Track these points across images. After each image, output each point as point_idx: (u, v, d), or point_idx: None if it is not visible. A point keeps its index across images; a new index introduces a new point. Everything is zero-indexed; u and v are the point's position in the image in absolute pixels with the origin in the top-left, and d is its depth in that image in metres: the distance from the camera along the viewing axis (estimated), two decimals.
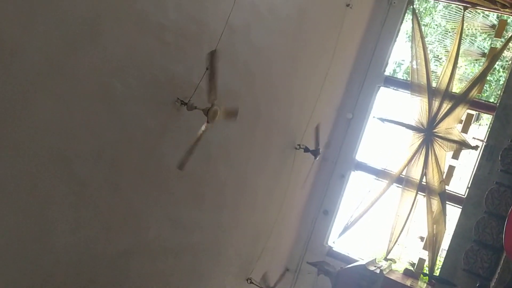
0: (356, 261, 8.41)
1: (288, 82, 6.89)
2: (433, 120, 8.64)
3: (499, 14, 9.80)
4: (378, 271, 7.60)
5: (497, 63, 11.17)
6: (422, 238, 10.61)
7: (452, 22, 9.37)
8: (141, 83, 4.04)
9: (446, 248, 8.49)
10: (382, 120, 9.36)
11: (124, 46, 3.74)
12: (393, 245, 9.00)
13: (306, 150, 7.60)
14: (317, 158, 7.63)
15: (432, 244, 8.42)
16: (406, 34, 11.25)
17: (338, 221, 9.71)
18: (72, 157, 3.60)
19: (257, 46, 5.65)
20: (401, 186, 9.02)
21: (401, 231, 8.86)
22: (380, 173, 9.31)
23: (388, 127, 9.47)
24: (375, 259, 8.71)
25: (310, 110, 7.66)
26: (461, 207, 8.40)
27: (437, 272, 8.37)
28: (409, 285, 7.61)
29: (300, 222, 9.46)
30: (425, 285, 8.15)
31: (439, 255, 8.67)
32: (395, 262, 10.53)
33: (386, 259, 9.10)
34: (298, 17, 6.45)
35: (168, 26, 4.11)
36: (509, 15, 8.91)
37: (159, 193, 4.76)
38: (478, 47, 9.88)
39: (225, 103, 4.54)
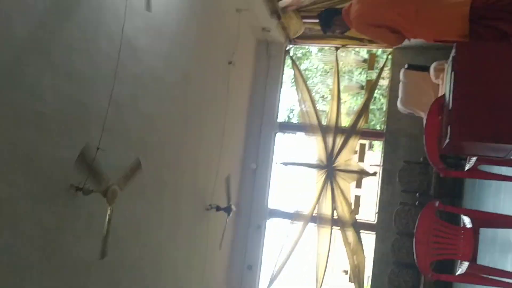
0: None
1: (188, 146, 6.83)
2: (331, 156, 9.02)
3: (368, 49, 10.69)
4: None
5: (376, 92, 12.09)
6: (346, 272, 10.81)
7: (329, 63, 10.07)
8: (29, 178, 3.74)
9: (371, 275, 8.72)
10: (285, 164, 9.60)
11: (4, 143, 3.47)
12: (321, 285, 9.05)
13: (218, 209, 7.52)
14: (230, 215, 7.55)
15: (356, 275, 8.59)
16: (291, 80, 11.84)
17: (264, 273, 9.60)
18: None
19: (148, 116, 5.56)
20: (315, 224, 9.20)
21: (325, 269, 8.95)
22: (294, 216, 9.44)
23: (292, 170, 9.72)
24: None
25: (215, 169, 7.63)
26: (374, 233, 8.72)
27: None
28: None
29: (226, 283, 9.19)
30: None
31: (365, 284, 8.85)
32: None
33: None
34: (184, 81, 6.49)
35: (48, 113, 3.90)
36: (377, 48, 9.74)
37: None
38: (357, 81, 10.63)
39: (123, 181, 4.36)
